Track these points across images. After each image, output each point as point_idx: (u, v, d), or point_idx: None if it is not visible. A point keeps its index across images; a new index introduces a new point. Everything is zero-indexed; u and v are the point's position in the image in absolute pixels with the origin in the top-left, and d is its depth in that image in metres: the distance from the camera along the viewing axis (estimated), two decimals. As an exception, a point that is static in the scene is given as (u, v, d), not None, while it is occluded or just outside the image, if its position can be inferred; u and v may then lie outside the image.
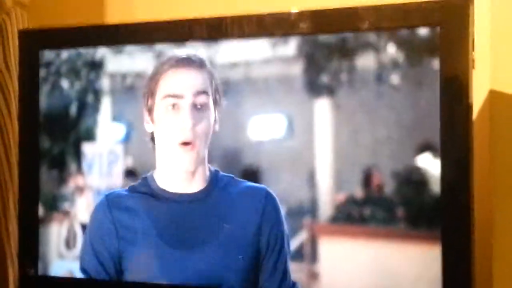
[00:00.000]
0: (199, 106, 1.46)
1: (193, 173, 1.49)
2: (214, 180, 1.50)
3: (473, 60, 1.22)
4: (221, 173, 1.49)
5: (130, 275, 1.49)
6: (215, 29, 1.41)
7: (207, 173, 1.50)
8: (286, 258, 1.44)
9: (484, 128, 1.35)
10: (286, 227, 1.43)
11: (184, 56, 1.48)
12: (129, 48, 1.51)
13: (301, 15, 1.33)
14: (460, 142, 1.22)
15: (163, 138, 1.48)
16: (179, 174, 1.49)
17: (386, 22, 1.27)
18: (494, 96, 1.33)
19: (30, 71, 1.54)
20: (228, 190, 1.49)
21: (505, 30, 1.34)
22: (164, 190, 1.51)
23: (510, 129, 1.34)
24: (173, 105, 1.47)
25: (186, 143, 1.47)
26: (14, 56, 1.70)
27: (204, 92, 1.46)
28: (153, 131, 1.50)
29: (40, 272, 1.55)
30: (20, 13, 1.74)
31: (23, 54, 1.57)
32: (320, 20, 1.32)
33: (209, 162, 1.48)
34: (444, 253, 1.24)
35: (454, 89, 1.22)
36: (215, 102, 1.47)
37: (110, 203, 1.53)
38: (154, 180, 1.52)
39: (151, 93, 1.49)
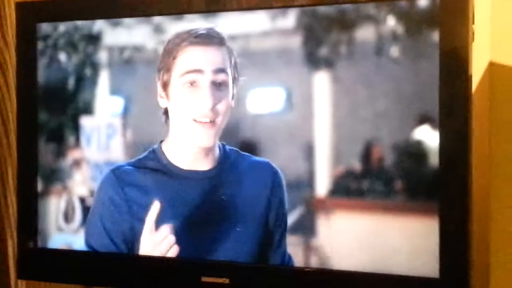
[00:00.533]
0: (218, 84, 1.45)
1: (209, 150, 1.48)
2: (223, 156, 1.49)
3: (472, 32, 1.21)
4: (227, 147, 1.49)
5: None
6: (214, 2, 1.41)
7: (217, 149, 1.49)
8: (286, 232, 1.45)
9: (483, 100, 1.34)
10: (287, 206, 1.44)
11: (204, 32, 1.46)
12: (127, 21, 1.50)
13: (300, -14, 1.32)
14: (459, 114, 1.22)
15: (180, 115, 1.47)
16: (195, 150, 1.48)
17: (386, -8, 1.26)
18: (493, 68, 1.33)
19: (27, 44, 1.54)
20: (237, 165, 1.49)
21: (505, 2, 1.32)
22: (177, 167, 1.50)
23: (510, 101, 1.33)
24: (192, 83, 1.45)
25: (205, 122, 1.45)
26: (11, 29, 1.69)
27: (223, 70, 1.44)
28: (166, 107, 1.49)
29: (39, 244, 1.54)
30: (16, -15, 1.73)
31: (21, 26, 1.56)
32: (319, -9, 1.31)
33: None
34: (441, 225, 1.25)
35: (454, 61, 1.21)
36: (234, 79, 1.46)
37: (119, 178, 1.51)
38: (164, 154, 1.51)
39: (167, 68, 1.47)
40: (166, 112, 1.49)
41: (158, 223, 1.45)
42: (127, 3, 1.47)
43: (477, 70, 1.34)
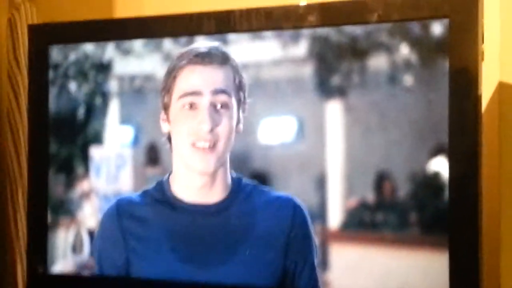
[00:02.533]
0: (218, 106, 1.38)
1: (213, 179, 1.41)
2: (236, 188, 1.42)
3: (482, 52, 1.21)
4: (244, 180, 1.42)
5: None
6: (224, 23, 1.41)
7: (229, 180, 1.42)
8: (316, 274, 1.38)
9: (493, 120, 1.34)
10: (315, 241, 1.38)
11: (204, 50, 1.40)
12: (138, 49, 1.49)
13: (310, 8, 1.34)
14: (469, 133, 1.22)
15: (179, 140, 1.41)
16: (197, 179, 1.41)
17: (395, 14, 1.28)
18: (503, 88, 1.33)
19: (39, 66, 1.56)
20: (252, 200, 1.41)
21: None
22: (181, 200, 1.43)
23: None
24: (190, 105, 1.39)
25: (204, 146, 1.38)
26: (23, 51, 1.71)
27: (224, 91, 1.38)
28: (169, 131, 1.44)
29: (48, 270, 1.55)
30: (29, 8, 1.75)
31: (33, 49, 1.57)
32: (328, 13, 1.33)
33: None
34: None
35: (463, 81, 1.22)
36: (239, 101, 1.39)
37: (120, 209, 1.46)
38: (169, 186, 1.44)
39: (167, 89, 1.42)
40: (169, 138, 1.45)
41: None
42: (137, 26, 1.48)
43: (486, 90, 1.34)
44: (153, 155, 1.50)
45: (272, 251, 1.38)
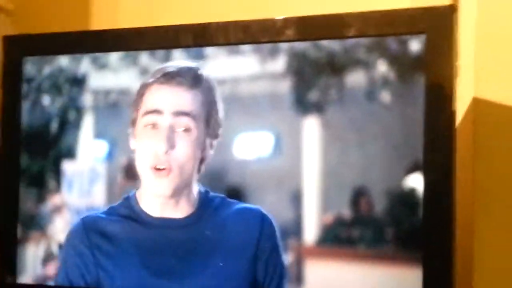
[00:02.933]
0: (178, 129, 1.36)
1: (177, 198, 1.39)
2: (203, 202, 1.40)
3: (457, 68, 1.22)
4: (212, 193, 1.40)
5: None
6: (201, 36, 1.40)
7: (195, 196, 1.40)
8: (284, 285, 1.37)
9: (467, 136, 1.35)
10: (283, 253, 1.37)
11: (173, 70, 1.39)
12: (113, 63, 1.47)
13: (287, 21, 1.34)
14: (443, 149, 1.23)
15: (140, 159, 1.40)
16: (159, 199, 1.40)
17: (371, 29, 1.28)
18: (477, 104, 1.34)
19: (13, 78, 1.53)
20: (220, 213, 1.39)
21: (490, 38, 1.34)
22: (147, 214, 1.41)
23: (493, 137, 1.34)
24: (153, 125, 1.37)
25: (159, 169, 1.37)
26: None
27: (187, 114, 1.36)
28: (135, 149, 1.42)
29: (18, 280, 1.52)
30: (4, 19, 1.74)
31: (7, 60, 1.56)
32: (306, 27, 1.33)
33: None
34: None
35: (439, 96, 1.22)
36: (207, 127, 1.37)
37: (86, 226, 1.43)
38: (136, 201, 1.42)
39: (135, 105, 1.41)
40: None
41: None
42: (113, 38, 1.47)
43: (461, 106, 1.35)
44: (127, 170, 1.47)
45: (242, 263, 1.37)
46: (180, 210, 1.39)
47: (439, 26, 1.23)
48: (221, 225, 1.39)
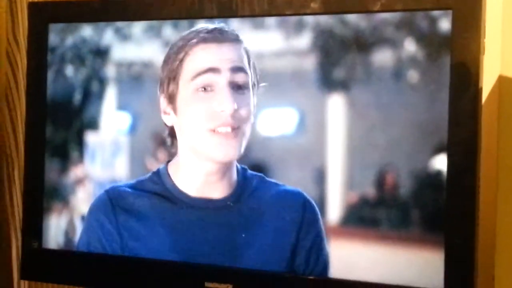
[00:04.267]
0: (238, 86, 1.25)
1: (225, 170, 1.29)
2: (242, 182, 1.31)
3: (483, 46, 1.20)
4: (249, 171, 1.32)
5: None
6: (226, 8, 1.36)
7: (235, 174, 1.31)
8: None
9: (492, 114, 1.33)
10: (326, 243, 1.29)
11: (216, 27, 1.29)
12: (137, 35, 1.43)
13: (313, -6, 1.30)
14: (468, 126, 1.20)
15: (193, 128, 1.27)
16: (209, 169, 1.28)
17: (398, 4, 1.25)
18: (503, 81, 1.32)
19: (39, 44, 1.52)
20: (259, 195, 1.30)
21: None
22: (182, 192, 1.30)
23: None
24: (205, 87, 1.25)
25: (226, 131, 1.25)
26: (23, 30, 1.69)
27: (243, 69, 1.26)
28: (172, 125, 1.31)
29: (43, 245, 1.52)
30: (29, -14, 1.73)
31: (32, 27, 1.54)
32: (331, 0, 1.29)
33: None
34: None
35: (464, 73, 1.20)
36: (253, 85, 1.28)
37: (113, 201, 1.33)
38: (169, 177, 1.32)
39: (172, 76, 1.28)
40: (171, 132, 1.32)
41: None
42: (137, 7, 1.45)
43: (486, 83, 1.33)
44: (157, 143, 1.40)
45: (282, 250, 1.29)
46: (220, 189, 1.30)
47: (466, 2, 1.20)
48: (260, 209, 1.30)
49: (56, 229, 1.51)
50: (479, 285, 1.29)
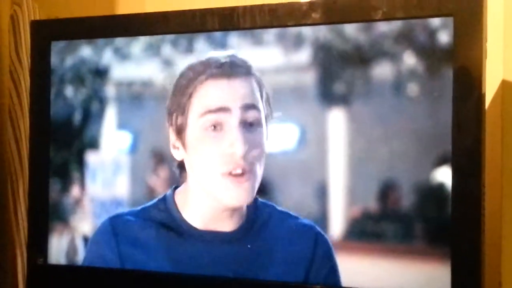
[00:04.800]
0: (250, 124, 1.20)
1: (236, 210, 1.23)
2: (253, 213, 1.24)
3: (485, 51, 1.20)
4: (260, 200, 1.25)
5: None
6: (227, 20, 1.36)
7: (245, 205, 1.25)
8: None
9: (495, 119, 1.33)
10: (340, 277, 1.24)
11: (227, 60, 1.23)
12: (136, 54, 1.41)
13: (313, 5, 1.31)
14: (472, 131, 1.19)
15: (203, 169, 1.22)
16: (219, 209, 1.23)
17: (399, 12, 1.25)
18: (506, 86, 1.32)
19: (41, 62, 1.52)
20: (270, 228, 1.24)
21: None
22: (191, 225, 1.24)
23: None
24: (215, 126, 1.19)
25: (237, 174, 1.19)
26: (25, 48, 1.69)
27: (254, 106, 1.20)
28: (182, 159, 1.26)
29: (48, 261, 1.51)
30: (32, 4, 1.73)
31: (35, 45, 1.55)
32: (332, 10, 1.29)
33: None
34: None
35: (467, 79, 1.19)
36: (267, 117, 1.23)
37: (116, 231, 1.28)
38: (175, 207, 1.26)
39: (181, 110, 1.23)
40: (181, 165, 1.27)
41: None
42: (139, 22, 1.45)
43: (489, 88, 1.33)
44: (158, 165, 1.36)
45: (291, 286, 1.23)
46: (230, 223, 1.24)
47: (467, 8, 1.20)
48: (270, 242, 1.24)
49: (61, 245, 1.50)
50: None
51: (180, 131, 1.23)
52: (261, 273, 1.24)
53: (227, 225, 1.24)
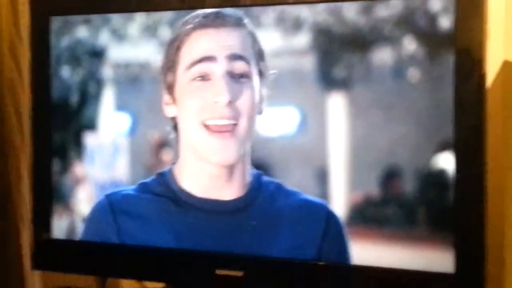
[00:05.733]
0: (237, 75, 1.15)
1: (230, 172, 1.17)
2: (256, 186, 1.20)
3: (487, 30, 1.19)
4: (266, 177, 1.21)
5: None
6: None
7: (248, 176, 1.20)
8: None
9: (497, 98, 1.32)
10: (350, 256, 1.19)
11: (214, 11, 1.19)
12: (133, 36, 1.38)
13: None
14: (474, 111, 1.18)
15: (189, 121, 1.18)
16: (211, 170, 1.17)
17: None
18: (507, 67, 1.31)
19: (41, 37, 1.50)
20: (276, 202, 1.19)
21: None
22: (189, 194, 1.20)
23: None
24: (202, 76, 1.15)
25: (222, 126, 1.14)
26: (25, 23, 1.67)
27: (242, 58, 1.16)
28: (175, 116, 1.21)
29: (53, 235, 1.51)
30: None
31: (34, 19, 1.52)
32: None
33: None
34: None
35: (468, 59, 1.18)
36: (260, 73, 1.18)
37: (113, 207, 1.24)
38: (174, 178, 1.21)
39: (171, 65, 1.20)
40: (175, 125, 1.22)
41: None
42: (138, -1, 1.42)
43: (491, 69, 1.32)
44: (160, 146, 1.33)
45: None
46: (231, 190, 1.19)
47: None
48: (275, 217, 1.19)
49: (65, 221, 1.51)
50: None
51: (170, 87, 1.20)
52: (265, 249, 1.21)
53: (227, 194, 1.20)
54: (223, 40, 1.18)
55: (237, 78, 1.16)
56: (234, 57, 1.16)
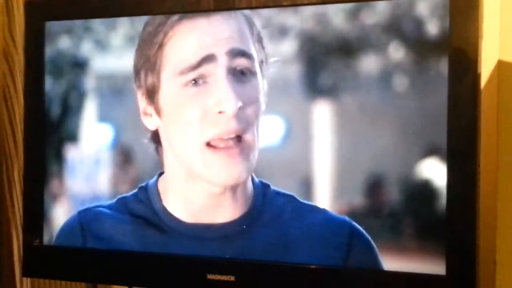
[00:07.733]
0: (240, 73, 0.93)
1: (233, 191, 0.95)
2: (260, 200, 0.98)
3: (482, 30, 1.17)
4: (273, 188, 1.01)
5: None
6: (223, 0, 1.29)
7: (250, 188, 0.99)
8: None
9: (491, 98, 1.31)
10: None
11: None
12: (116, 45, 1.31)
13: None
14: (468, 111, 1.16)
15: (186, 140, 0.94)
16: (212, 191, 0.94)
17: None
18: (502, 67, 1.30)
19: (35, 42, 1.48)
20: (286, 220, 0.96)
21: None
22: (177, 220, 0.96)
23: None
24: (195, 80, 0.92)
25: (229, 140, 0.91)
26: (19, 28, 1.66)
27: (244, 51, 0.93)
28: (157, 128, 0.99)
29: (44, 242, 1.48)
30: (25, -15, 1.70)
31: (29, 25, 1.50)
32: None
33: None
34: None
35: (463, 59, 1.16)
36: (261, 63, 0.96)
37: (84, 226, 1.06)
38: (158, 196, 0.98)
39: (150, 66, 0.96)
40: (154, 137, 1.00)
41: None
42: (133, 3, 1.40)
43: (485, 69, 1.30)
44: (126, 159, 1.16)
45: None
46: (228, 211, 0.96)
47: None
48: (288, 239, 0.96)
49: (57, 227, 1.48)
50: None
51: (151, 93, 0.97)
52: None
53: (225, 215, 0.98)
54: (219, 31, 0.96)
55: (240, 77, 0.95)
56: (236, 52, 0.95)
